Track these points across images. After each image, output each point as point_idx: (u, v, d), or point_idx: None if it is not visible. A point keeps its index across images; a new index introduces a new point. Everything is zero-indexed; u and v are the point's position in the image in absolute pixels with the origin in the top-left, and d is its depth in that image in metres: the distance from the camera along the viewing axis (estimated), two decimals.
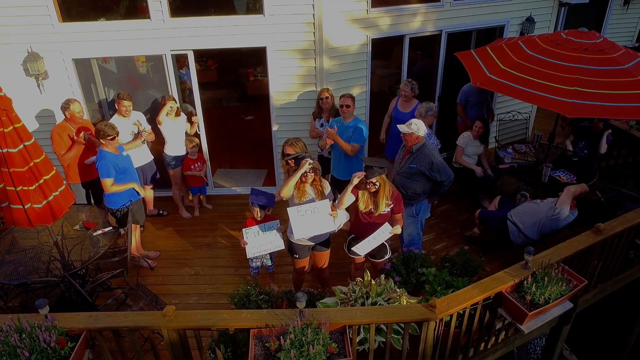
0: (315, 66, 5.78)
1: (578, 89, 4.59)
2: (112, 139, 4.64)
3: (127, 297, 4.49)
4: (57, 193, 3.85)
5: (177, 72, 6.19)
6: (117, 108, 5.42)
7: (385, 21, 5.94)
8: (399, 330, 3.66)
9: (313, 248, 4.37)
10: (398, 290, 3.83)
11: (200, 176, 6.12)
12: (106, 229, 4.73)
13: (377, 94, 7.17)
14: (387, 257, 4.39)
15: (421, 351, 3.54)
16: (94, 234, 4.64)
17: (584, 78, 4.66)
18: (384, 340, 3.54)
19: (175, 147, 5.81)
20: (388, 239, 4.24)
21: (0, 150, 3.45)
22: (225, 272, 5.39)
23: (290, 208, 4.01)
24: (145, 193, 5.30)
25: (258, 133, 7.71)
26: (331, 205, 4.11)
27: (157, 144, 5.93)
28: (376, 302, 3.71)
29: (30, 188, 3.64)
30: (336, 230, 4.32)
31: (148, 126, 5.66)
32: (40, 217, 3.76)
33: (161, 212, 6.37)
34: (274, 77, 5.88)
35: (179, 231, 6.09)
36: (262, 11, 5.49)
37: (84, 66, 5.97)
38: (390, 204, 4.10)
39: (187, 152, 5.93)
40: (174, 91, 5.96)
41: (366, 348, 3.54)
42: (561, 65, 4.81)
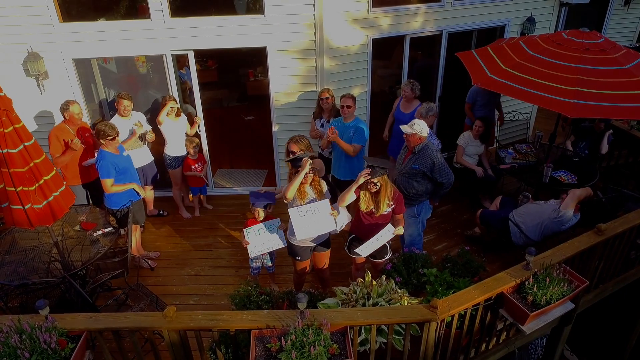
0: (315, 66, 5.77)
1: (579, 89, 4.58)
2: (112, 139, 4.63)
3: (128, 298, 4.49)
4: (57, 193, 3.85)
5: (178, 72, 6.18)
6: (117, 108, 5.42)
7: (385, 21, 5.93)
8: (400, 331, 3.65)
9: (314, 249, 4.36)
10: (399, 290, 3.82)
11: (200, 176, 6.11)
12: (106, 230, 4.73)
13: (378, 94, 7.16)
14: (388, 257, 4.38)
15: (422, 352, 3.54)
16: (94, 235, 4.63)
17: (585, 78, 4.66)
18: (385, 341, 3.53)
19: (175, 148, 5.80)
20: (389, 240, 4.23)
21: (0, 150, 3.45)
22: (225, 273, 5.38)
23: (291, 209, 4.01)
24: (145, 193, 5.30)
25: (258, 133, 7.71)
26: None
27: (157, 144, 5.92)
28: (377, 303, 3.71)
29: (30, 188, 3.64)
30: (338, 230, 4.32)
31: (149, 127, 5.66)
32: (40, 218, 3.76)
33: (161, 213, 6.36)
34: (275, 77, 5.87)
35: (180, 231, 6.08)
36: (263, 11, 5.49)
37: (84, 66, 5.96)
38: (391, 205, 4.09)
39: (188, 153, 5.92)
40: (175, 91, 5.95)
41: (367, 349, 3.54)
42: (562, 65, 4.80)
